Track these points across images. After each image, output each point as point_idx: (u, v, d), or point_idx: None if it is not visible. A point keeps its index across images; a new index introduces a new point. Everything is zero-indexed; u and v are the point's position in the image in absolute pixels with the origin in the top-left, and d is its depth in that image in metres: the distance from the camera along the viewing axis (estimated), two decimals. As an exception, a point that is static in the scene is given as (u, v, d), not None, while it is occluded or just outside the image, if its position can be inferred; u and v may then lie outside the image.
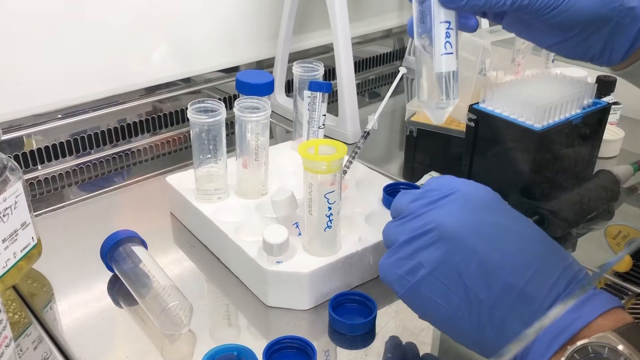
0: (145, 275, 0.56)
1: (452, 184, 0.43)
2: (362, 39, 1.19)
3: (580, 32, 0.47)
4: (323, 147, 0.54)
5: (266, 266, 0.54)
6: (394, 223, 0.45)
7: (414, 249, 0.42)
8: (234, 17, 0.97)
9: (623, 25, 0.46)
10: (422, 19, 0.47)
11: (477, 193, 0.43)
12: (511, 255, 0.39)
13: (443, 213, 0.41)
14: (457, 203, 0.42)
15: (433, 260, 0.41)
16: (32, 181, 0.79)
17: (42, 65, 0.79)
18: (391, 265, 0.43)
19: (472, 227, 0.40)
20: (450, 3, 0.45)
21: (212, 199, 0.65)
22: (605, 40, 0.47)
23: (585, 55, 0.49)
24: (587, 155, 0.72)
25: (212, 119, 0.61)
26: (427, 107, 0.51)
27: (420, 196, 0.44)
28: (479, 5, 0.45)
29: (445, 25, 0.46)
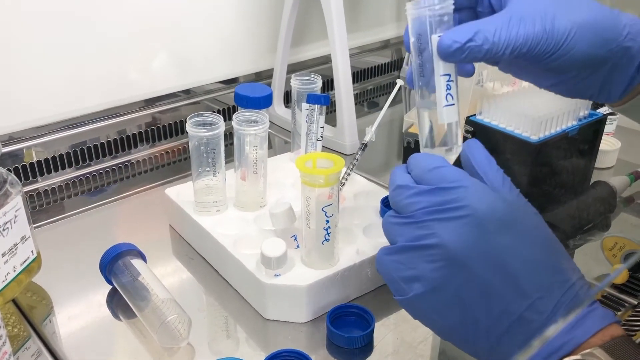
0: (144, 288, 0.56)
1: (462, 193, 0.40)
2: (360, 49, 1.20)
3: (578, 73, 0.47)
4: (321, 160, 0.55)
5: (264, 279, 0.55)
6: (395, 219, 0.43)
7: (414, 258, 0.41)
8: (233, 29, 0.97)
9: (620, 65, 0.46)
10: (422, 73, 0.47)
11: (487, 210, 0.39)
12: (515, 282, 0.38)
13: (448, 231, 0.39)
14: (465, 222, 0.39)
15: (433, 280, 0.40)
16: (32, 193, 0.79)
17: (41, 78, 0.79)
18: (389, 264, 0.42)
19: (479, 253, 0.39)
20: (450, 57, 0.44)
21: (211, 211, 0.65)
22: (603, 80, 0.48)
23: (584, 94, 0.49)
24: (583, 166, 0.72)
25: (211, 133, 0.61)
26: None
27: (426, 198, 0.41)
28: (479, 58, 0.44)
29: (446, 78, 0.46)
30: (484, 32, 0.43)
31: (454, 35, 0.43)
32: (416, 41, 0.46)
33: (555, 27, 0.44)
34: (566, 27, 0.44)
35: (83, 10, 0.80)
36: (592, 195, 0.70)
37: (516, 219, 0.40)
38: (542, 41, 0.44)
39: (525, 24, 0.43)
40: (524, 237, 0.40)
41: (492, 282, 0.38)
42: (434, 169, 0.42)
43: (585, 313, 0.38)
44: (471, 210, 0.39)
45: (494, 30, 0.43)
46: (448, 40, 0.43)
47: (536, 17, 0.44)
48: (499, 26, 0.43)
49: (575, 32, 0.44)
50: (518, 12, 0.44)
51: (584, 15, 0.44)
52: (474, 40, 0.43)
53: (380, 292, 0.60)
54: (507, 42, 0.43)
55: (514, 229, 0.39)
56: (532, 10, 0.44)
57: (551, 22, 0.44)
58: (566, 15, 0.44)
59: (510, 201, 0.41)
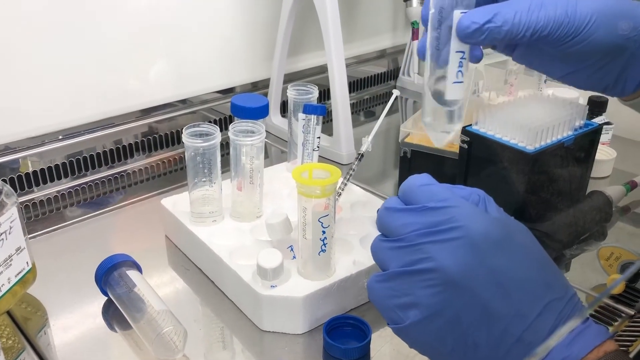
0: (139, 299, 0.56)
1: (455, 213, 0.39)
2: (357, 59, 1.20)
3: (596, 62, 0.47)
4: (317, 171, 0.55)
5: (260, 291, 0.54)
6: (385, 243, 0.41)
7: (409, 284, 0.39)
8: (229, 40, 0.98)
9: (637, 55, 0.46)
10: (437, 46, 0.47)
11: (482, 231, 0.38)
12: (514, 302, 0.38)
13: (446, 254, 0.38)
14: (461, 243, 0.38)
15: (431, 305, 0.38)
16: (28, 203, 0.79)
17: (38, 88, 0.79)
18: (382, 292, 0.41)
19: (478, 274, 0.38)
20: (469, 38, 0.44)
21: (207, 221, 0.65)
22: (620, 70, 0.48)
23: (599, 85, 0.49)
24: (579, 175, 0.72)
25: (207, 143, 0.61)
26: (430, 129, 0.51)
27: (415, 219, 0.40)
28: (498, 39, 0.44)
29: (460, 55, 0.46)
30: (504, 14, 0.43)
31: (473, 17, 0.43)
32: (437, 13, 0.46)
33: (578, 12, 0.44)
34: (587, 12, 0.44)
35: (80, 21, 0.80)
36: (588, 204, 0.70)
37: (509, 238, 0.39)
38: (564, 25, 0.44)
39: (547, 7, 0.44)
40: (518, 256, 0.39)
41: (491, 303, 0.38)
42: (422, 185, 0.42)
43: (580, 330, 0.38)
44: (466, 231, 0.38)
45: (514, 12, 0.43)
46: (467, 21, 0.43)
47: (558, 1, 0.44)
48: (519, 9, 0.43)
49: (595, 18, 0.44)
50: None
51: (606, 2, 0.45)
52: (493, 21, 0.43)
53: (376, 303, 0.60)
54: (527, 24, 0.43)
55: (508, 249, 0.39)
56: None
57: (573, 6, 0.44)
58: (588, 1, 0.44)
59: (501, 220, 0.40)
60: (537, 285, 0.39)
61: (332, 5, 0.84)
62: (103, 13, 0.82)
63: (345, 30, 0.88)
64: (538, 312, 0.38)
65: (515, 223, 0.42)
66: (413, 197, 0.41)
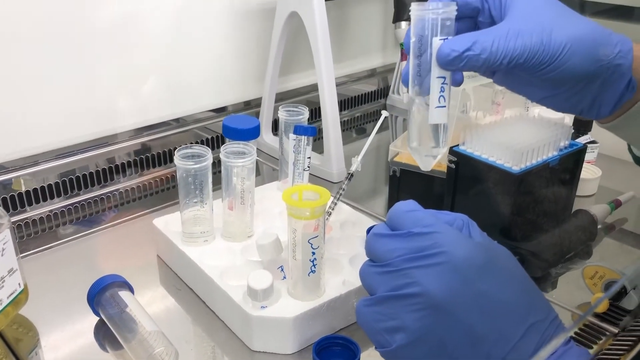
0: (131, 320, 0.57)
1: (439, 239, 0.40)
2: (348, 78, 1.22)
3: (571, 87, 0.48)
4: (307, 192, 0.56)
5: (251, 311, 0.55)
6: (372, 268, 0.43)
7: (395, 308, 0.40)
8: (222, 59, 0.99)
9: (611, 81, 0.48)
10: (419, 72, 0.48)
11: (466, 256, 0.40)
12: (498, 325, 0.39)
13: (430, 279, 0.39)
14: (445, 268, 0.39)
15: (417, 329, 0.39)
16: (20, 223, 0.79)
17: (31, 108, 0.80)
18: (369, 316, 0.42)
19: (462, 298, 0.39)
20: (449, 65, 0.45)
21: (198, 241, 0.66)
22: (594, 95, 0.49)
23: (575, 108, 0.51)
24: (565, 195, 0.74)
25: (199, 165, 0.62)
26: (416, 153, 0.52)
27: (401, 244, 0.41)
28: (477, 66, 0.46)
29: (441, 81, 0.48)
30: (482, 42, 0.45)
31: (453, 44, 0.45)
32: (417, 41, 0.47)
33: (552, 40, 0.45)
34: (562, 40, 0.45)
35: (73, 41, 0.81)
36: (573, 223, 0.72)
37: (492, 262, 0.40)
38: (539, 53, 0.45)
39: (523, 36, 0.45)
40: (501, 280, 0.40)
41: (475, 327, 0.39)
42: (408, 212, 0.43)
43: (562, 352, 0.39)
44: (449, 256, 0.39)
45: (491, 40, 0.45)
46: (447, 49, 0.45)
47: (534, 30, 0.45)
48: (497, 37, 0.45)
49: (570, 46, 0.45)
50: (516, 25, 0.46)
51: (579, 31, 0.46)
52: (472, 49, 0.45)
53: (366, 322, 0.61)
54: (504, 53, 0.45)
55: (491, 273, 0.40)
56: (530, 23, 0.46)
57: (548, 35, 0.45)
58: (562, 30, 0.46)
59: (484, 245, 0.42)
60: (520, 307, 0.40)
61: (322, 26, 0.86)
62: (96, 33, 0.83)
63: (336, 50, 0.90)
64: (521, 333, 0.39)
65: (498, 247, 0.43)
66: (399, 223, 0.43)
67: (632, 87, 0.49)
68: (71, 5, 0.79)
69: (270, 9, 0.96)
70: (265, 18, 0.99)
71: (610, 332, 0.59)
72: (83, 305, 0.61)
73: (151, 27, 0.88)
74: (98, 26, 0.82)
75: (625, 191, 0.81)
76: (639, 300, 0.59)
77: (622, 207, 0.78)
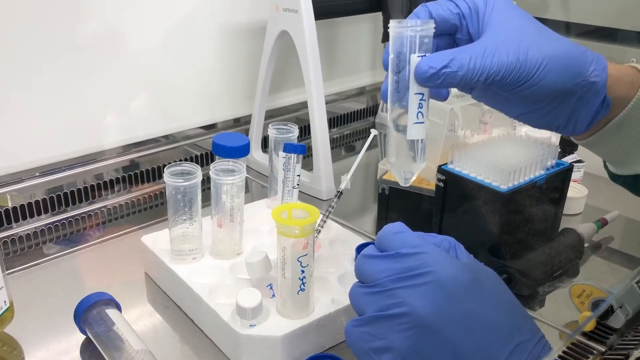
0: (118, 338, 0.56)
1: (426, 259, 0.41)
2: (338, 96, 1.23)
3: (547, 104, 0.49)
4: (296, 211, 0.56)
5: (239, 330, 0.55)
6: (361, 289, 0.43)
7: (383, 328, 0.40)
8: (212, 76, 1.00)
9: (586, 98, 0.49)
10: (397, 89, 0.49)
11: (452, 275, 0.40)
12: (484, 345, 0.39)
13: (417, 298, 0.39)
14: (431, 288, 0.40)
15: (403, 349, 0.39)
16: (6, 240, 0.79)
17: (19, 124, 0.80)
18: (357, 336, 0.42)
19: (448, 318, 0.39)
20: (427, 82, 0.46)
21: (187, 259, 0.66)
22: (570, 112, 0.50)
23: (551, 125, 0.52)
24: (552, 214, 0.75)
25: (188, 183, 0.62)
26: (395, 169, 0.53)
27: (389, 265, 0.42)
28: (454, 84, 0.47)
29: (419, 97, 0.48)
30: (459, 60, 0.45)
31: (430, 62, 0.45)
32: (395, 58, 0.48)
33: (529, 58, 0.46)
34: (538, 58, 0.46)
35: (62, 58, 0.81)
36: (561, 242, 0.72)
37: (478, 283, 0.41)
38: (515, 70, 0.46)
39: (500, 53, 0.46)
40: (487, 300, 0.41)
41: (462, 346, 0.39)
42: (396, 233, 0.44)
43: None
44: (435, 276, 0.40)
45: (469, 58, 0.45)
46: (424, 66, 0.45)
47: (510, 48, 0.46)
48: (474, 55, 0.46)
49: (546, 64, 0.46)
50: (493, 42, 0.46)
51: (555, 49, 0.47)
52: (449, 66, 0.45)
53: (355, 341, 0.61)
54: (481, 70, 0.45)
55: (477, 293, 0.40)
56: (507, 41, 0.46)
57: (525, 53, 0.46)
58: (539, 48, 0.46)
59: (470, 265, 0.42)
60: (506, 327, 0.40)
61: (312, 44, 0.87)
62: (85, 51, 0.83)
63: (325, 68, 0.90)
64: (508, 353, 0.39)
65: (484, 268, 0.43)
66: (387, 244, 0.43)
67: (607, 104, 0.50)
68: (58, 21, 0.79)
69: (260, 28, 0.97)
70: (256, 36, 1.00)
71: (598, 350, 0.59)
72: (69, 323, 0.60)
73: (141, 44, 0.89)
74: (86, 42, 0.83)
75: (611, 210, 0.82)
76: (625, 318, 0.60)
77: (608, 225, 0.79)
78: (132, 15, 0.87)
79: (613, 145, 0.53)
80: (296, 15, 0.86)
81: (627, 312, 0.60)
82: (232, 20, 0.99)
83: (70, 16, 0.80)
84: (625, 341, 0.60)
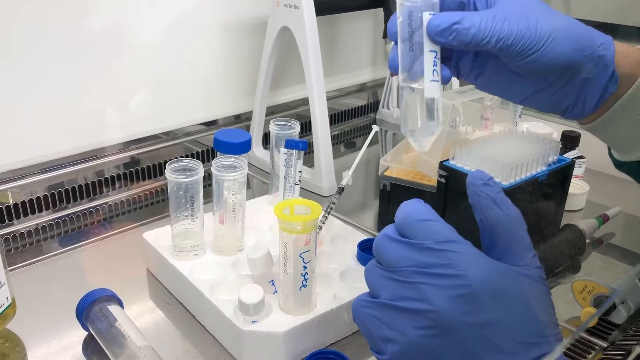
0: (120, 334, 0.56)
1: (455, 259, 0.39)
2: (339, 92, 1.23)
3: (556, 80, 0.49)
4: (298, 207, 0.56)
5: (242, 326, 0.55)
6: (378, 270, 0.41)
7: (396, 319, 0.39)
8: (213, 73, 0.99)
9: (594, 73, 0.49)
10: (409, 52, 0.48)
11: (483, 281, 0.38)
12: (501, 356, 0.38)
13: (442, 300, 0.38)
14: (460, 291, 0.38)
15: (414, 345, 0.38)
16: (7, 236, 0.79)
17: (19, 120, 0.80)
18: (367, 318, 0.41)
19: (470, 323, 0.38)
20: (439, 36, 0.46)
21: (189, 255, 0.66)
22: (578, 90, 0.50)
23: (559, 106, 0.51)
24: (553, 210, 0.74)
25: (190, 179, 0.62)
26: (412, 135, 0.51)
27: (413, 255, 0.39)
28: (465, 41, 0.46)
29: (433, 55, 0.48)
30: (470, 19, 0.46)
31: (443, 17, 0.46)
32: (406, 20, 0.47)
33: (538, 29, 0.46)
34: (547, 30, 0.46)
35: (62, 54, 0.81)
36: (562, 238, 0.72)
37: (507, 292, 0.39)
38: (526, 37, 0.46)
39: (510, 21, 0.46)
40: (512, 311, 0.39)
41: (478, 354, 0.38)
42: (423, 221, 0.41)
43: None
44: (466, 280, 0.38)
45: (480, 19, 0.46)
46: (437, 20, 0.46)
47: (520, 18, 0.46)
48: (484, 18, 0.46)
49: (555, 36, 0.46)
50: (503, 12, 0.46)
51: (564, 22, 0.47)
52: (461, 23, 0.45)
53: (357, 337, 0.61)
54: (492, 32, 0.45)
55: (504, 303, 0.38)
56: (516, 12, 0.47)
57: (534, 24, 0.46)
58: (547, 21, 0.47)
59: (504, 271, 0.40)
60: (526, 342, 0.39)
61: (313, 41, 0.87)
62: (86, 47, 0.83)
63: (326, 65, 0.90)
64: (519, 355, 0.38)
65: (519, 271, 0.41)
66: (411, 232, 0.41)
67: (615, 79, 0.49)
68: (59, 18, 0.79)
69: (261, 24, 0.96)
70: (257, 32, 1.00)
71: (600, 346, 0.59)
72: (71, 320, 0.60)
73: (141, 41, 0.89)
74: (87, 39, 0.83)
75: (612, 206, 0.82)
76: (628, 314, 0.60)
77: (609, 221, 0.79)
78: (133, 12, 0.86)
79: (618, 128, 0.52)
80: (297, 11, 0.86)
81: (629, 307, 0.60)
82: (233, 16, 0.99)
83: (72, 13, 0.80)
84: (627, 337, 0.60)
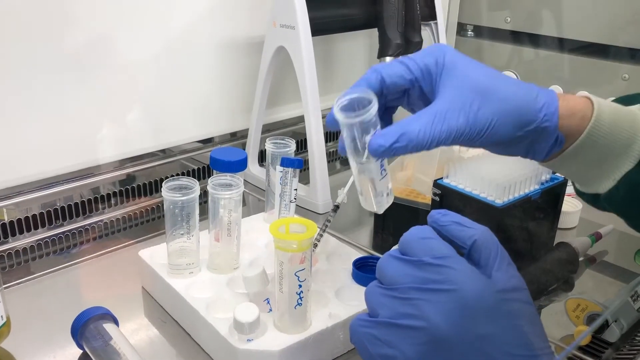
0: (115, 353, 0.56)
1: (450, 274, 0.40)
2: (334, 110, 1.24)
3: (503, 148, 0.52)
4: (294, 225, 0.56)
5: (237, 344, 0.55)
6: (378, 289, 0.42)
7: (395, 337, 0.40)
8: (209, 91, 1.00)
9: (539, 140, 0.51)
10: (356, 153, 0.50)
11: (476, 296, 0.39)
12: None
13: (437, 314, 0.39)
14: (453, 306, 0.39)
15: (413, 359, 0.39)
16: (3, 254, 0.78)
17: (15, 138, 0.80)
18: (365, 337, 0.41)
19: (465, 339, 0.38)
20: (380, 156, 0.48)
21: (184, 273, 0.66)
22: (527, 149, 0.53)
23: (512, 155, 0.54)
24: (546, 228, 0.75)
25: (186, 197, 0.62)
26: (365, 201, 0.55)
27: (411, 271, 0.41)
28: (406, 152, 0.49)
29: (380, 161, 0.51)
30: (408, 134, 0.47)
31: (381, 140, 0.48)
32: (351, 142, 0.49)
33: (479, 118, 0.48)
34: (488, 117, 0.48)
35: (57, 72, 0.81)
36: (555, 256, 0.73)
37: (501, 304, 0.40)
38: (465, 133, 0.48)
39: (449, 120, 0.48)
40: (507, 328, 0.39)
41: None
42: (422, 239, 0.42)
43: None
44: (461, 295, 0.39)
45: (417, 130, 0.47)
46: (375, 144, 0.48)
47: (461, 111, 0.48)
48: (422, 126, 0.48)
49: (497, 120, 0.48)
50: (443, 107, 0.48)
51: (506, 105, 0.49)
52: (399, 141, 0.47)
53: (352, 355, 0.61)
54: (430, 138, 0.48)
55: (499, 319, 0.39)
56: (456, 104, 0.48)
57: (475, 113, 0.48)
58: (489, 103, 0.48)
59: (495, 283, 0.41)
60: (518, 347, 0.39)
61: (309, 60, 0.88)
62: (82, 65, 0.83)
63: (322, 83, 0.91)
64: None
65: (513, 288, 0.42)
66: (411, 249, 0.42)
67: (560, 141, 0.52)
68: (55, 35, 0.80)
69: (258, 43, 0.97)
70: (253, 51, 1.01)
71: (593, 364, 0.60)
72: (66, 338, 0.60)
73: (138, 58, 0.89)
74: (83, 56, 0.83)
75: (605, 224, 0.82)
76: (620, 332, 0.60)
77: (602, 239, 0.80)
78: (130, 29, 0.87)
79: (572, 169, 0.55)
80: (293, 31, 0.87)
81: (622, 326, 0.60)
82: (231, 35, 1.00)
83: (67, 30, 0.81)
84: (620, 355, 0.61)
